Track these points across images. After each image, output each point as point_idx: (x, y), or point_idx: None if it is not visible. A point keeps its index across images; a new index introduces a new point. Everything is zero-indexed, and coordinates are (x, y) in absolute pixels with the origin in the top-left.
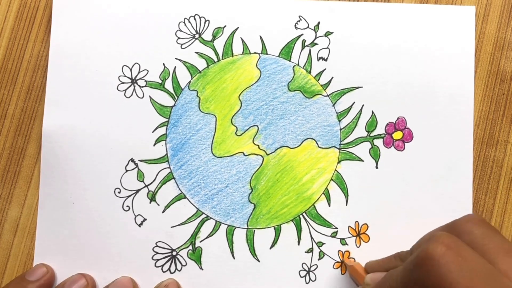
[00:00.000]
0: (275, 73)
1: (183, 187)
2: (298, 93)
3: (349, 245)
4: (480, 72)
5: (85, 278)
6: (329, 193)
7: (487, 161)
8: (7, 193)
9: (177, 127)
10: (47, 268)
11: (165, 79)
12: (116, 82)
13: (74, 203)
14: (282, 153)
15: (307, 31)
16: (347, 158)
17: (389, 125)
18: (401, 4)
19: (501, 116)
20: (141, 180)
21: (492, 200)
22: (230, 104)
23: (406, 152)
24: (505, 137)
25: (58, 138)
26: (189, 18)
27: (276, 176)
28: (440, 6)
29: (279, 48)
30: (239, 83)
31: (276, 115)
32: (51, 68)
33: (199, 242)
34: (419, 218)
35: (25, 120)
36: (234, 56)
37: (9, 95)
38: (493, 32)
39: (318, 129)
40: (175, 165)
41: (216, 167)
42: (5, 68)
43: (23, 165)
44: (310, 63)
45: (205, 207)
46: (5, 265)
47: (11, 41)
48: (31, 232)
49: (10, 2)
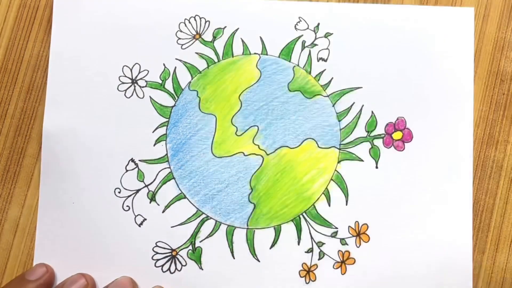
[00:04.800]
0: (275, 74)
1: (183, 187)
2: (298, 94)
3: (349, 245)
4: (480, 72)
5: (85, 278)
6: (329, 193)
7: (487, 161)
8: (7, 193)
9: (177, 127)
10: (47, 267)
11: (165, 79)
12: (116, 82)
13: (74, 203)
14: (282, 153)
15: (307, 32)
16: (347, 158)
17: (389, 125)
18: (401, 6)
19: (501, 116)
20: (141, 180)
21: (492, 200)
22: (230, 104)
23: (406, 152)
24: (505, 137)
25: (58, 138)
26: (190, 19)
27: (276, 176)
28: (440, 8)
29: (279, 49)
30: (239, 83)
31: (276, 115)
32: (51, 68)
33: (199, 242)
34: (419, 218)
35: (25, 120)
36: (234, 57)
37: (9, 95)
38: (493, 32)
39: (318, 129)
40: (175, 165)
41: (216, 167)
42: (5, 68)
43: (23, 165)
44: (310, 63)
45: (205, 207)
46: (5, 265)
47: (11, 41)
48: (31, 232)
49: (10, 2)
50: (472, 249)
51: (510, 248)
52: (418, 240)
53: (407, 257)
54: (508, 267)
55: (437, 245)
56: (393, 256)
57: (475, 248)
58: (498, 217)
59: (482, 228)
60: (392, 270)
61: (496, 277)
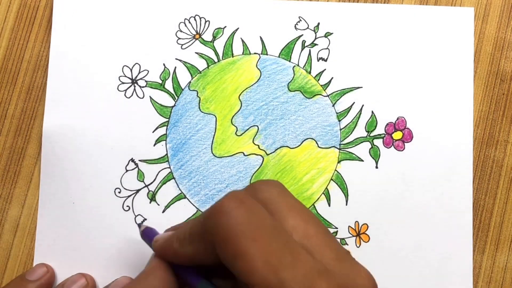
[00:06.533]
0: (275, 74)
1: (183, 187)
2: (298, 93)
3: (349, 245)
4: (480, 72)
5: (85, 278)
6: (329, 193)
7: (487, 161)
8: (7, 193)
9: (177, 127)
10: (47, 267)
11: (165, 79)
12: (116, 82)
13: (74, 203)
14: (282, 153)
15: (307, 32)
16: (347, 158)
17: (389, 125)
18: (401, 5)
19: (501, 116)
20: (141, 180)
21: (492, 200)
22: (230, 104)
23: (406, 152)
24: (505, 137)
25: (58, 138)
26: (190, 19)
27: (276, 176)
28: (439, 7)
29: (279, 49)
30: (239, 83)
31: (276, 115)
32: (51, 68)
33: None
34: (419, 218)
35: (25, 120)
36: (234, 57)
37: (9, 95)
38: (493, 32)
39: (318, 129)
40: (175, 165)
41: (216, 167)
42: (5, 68)
43: (23, 165)
44: (310, 63)
45: (205, 207)
46: (5, 265)
47: (11, 41)
48: (31, 232)
49: (10, 2)
50: (472, 249)
51: (510, 248)
52: (418, 240)
53: (407, 257)
54: (508, 267)
55: (437, 245)
56: (393, 256)
57: (475, 248)
58: (498, 217)
59: (482, 228)
60: (392, 270)
61: (496, 277)
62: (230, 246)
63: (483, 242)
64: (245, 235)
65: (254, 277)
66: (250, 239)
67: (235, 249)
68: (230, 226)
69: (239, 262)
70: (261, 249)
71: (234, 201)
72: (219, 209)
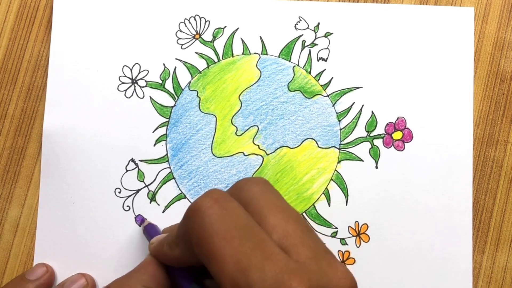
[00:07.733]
0: (275, 74)
1: (183, 187)
2: (298, 93)
3: (349, 245)
4: (480, 72)
5: (85, 278)
6: (329, 193)
7: (487, 161)
8: (7, 193)
9: (177, 127)
10: (47, 267)
11: (165, 79)
12: (116, 82)
13: (74, 203)
14: (282, 153)
15: (307, 32)
16: (347, 158)
17: (389, 125)
18: (401, 5)
19: (501, 116)
20: (142, 180)
21: (492, 200)
22: (230, 104)
23: (406, 152)
24: (505, 137)
25: (58, 138)
26: (190, 19)
27: (276, 176)
28: (439, 7)
29: (279, 49)
30: (239, 83)
31: (276, 115)
32: (52, 68)
33: None
34: (419, 218)
35: (25, 120)
36: (234, 57)
37: (9, 95)
38: (493, 32)
39: (318, 129)
40: (175, 165)
41: (216, 167)
42: (5, 68)
43: (23, 165)
44: (310, 63)
45: None
46: (5, 265)
47: (11, 41)
48: (31, 232)
49: (10, 2)
50: (472, 249)
51: (510, 248)
52: (418, 240)
53: (407, 257)
54: (508, 267)
55: (437, 245)
56: (393, 256)
57: (475, 248)
58: (498, 217)
59: (482, 228)
60: (392, 270)
61: (496, 277)
62: (204, 246)
63: (483, 242)
64: (218, 235)
65: (224, 278)
66: (223, 239)
67: (208, 249)
68: (204, 226)
69: (212, 262)
70: (233, 250)
71: (208, 200)
72: (194, 208)
